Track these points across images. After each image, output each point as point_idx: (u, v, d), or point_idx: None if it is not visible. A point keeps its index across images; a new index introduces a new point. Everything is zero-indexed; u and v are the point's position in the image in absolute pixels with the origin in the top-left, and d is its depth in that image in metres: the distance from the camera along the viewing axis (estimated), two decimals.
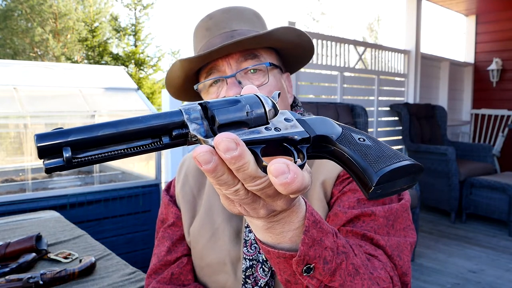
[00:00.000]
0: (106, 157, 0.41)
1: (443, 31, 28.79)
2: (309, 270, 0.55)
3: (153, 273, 0.95)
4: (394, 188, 0.48)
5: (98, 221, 2.69)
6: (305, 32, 0.86)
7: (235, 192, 0.44)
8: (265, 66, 0.83)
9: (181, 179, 1.00)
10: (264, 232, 0.54)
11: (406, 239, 0.77)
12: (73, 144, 0.39)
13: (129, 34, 16.55)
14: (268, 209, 0.48)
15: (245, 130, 0.44)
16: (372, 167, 0.46)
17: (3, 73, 2.91)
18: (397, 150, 0.50)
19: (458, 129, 5.94)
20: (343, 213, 0.78)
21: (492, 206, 4.00)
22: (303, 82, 3.79)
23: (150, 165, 3.10)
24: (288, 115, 0.49)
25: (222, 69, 0.84)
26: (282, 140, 0.46)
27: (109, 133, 0.40)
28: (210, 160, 0.40)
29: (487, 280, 2.95)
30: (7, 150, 2.99)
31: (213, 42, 0.86)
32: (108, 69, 3.84)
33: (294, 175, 0.40)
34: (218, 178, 0.42)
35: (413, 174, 0.48)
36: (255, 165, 0.42)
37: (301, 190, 0.42)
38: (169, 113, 0.43)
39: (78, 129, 0.40)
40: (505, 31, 5.71)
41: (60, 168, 0.39)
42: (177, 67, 0.88)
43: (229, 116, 0.44)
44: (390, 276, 0.67)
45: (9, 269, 1.24)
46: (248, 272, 0.84)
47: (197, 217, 0.95)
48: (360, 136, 0.50)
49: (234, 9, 0.90)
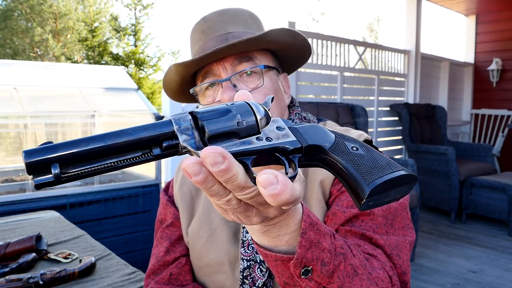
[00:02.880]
0: (96, 171, 0.40)
1: (443, 31, 28.80)
2: (307, 273, 0.54)
3: (152, 274, 0.95)
4: (387, 199, 0.47)
5: (98, 221, 2.69)
6: (300, 32, 0.85)
7: (227, 202, 0.44)
8: (260, 69, 0.83)
9: (179, 179, 1.00)
10: (260, 236, 0.54)
11: (405, 238, 0.77)
12: (61, 159, 0.39)
13: (129, 34, 16.54)
14: (261, 217, 0.48)
15: (236, 141, 0.44)
16: (364, 178, 0.45)
17: (3, 73, 2.91)
18: (390, 160, 0.48)
19: (458, 129, 5.94)
20: (341, 213, 0.78)
21: (492, 206, 4.00)
22: (303, 82, 3.79)
23: (150, 165, 3.10)
24: (281, 123, 0.48)
25: (217, 72, 0.84)
26: (274, 151, 0.45)
27: (98, 146, 0.40)
28: (200, 172, 0.40)
29: (487, 280, 2.95)
30: (7, 150, 2.99)
31: (208, 45, 0.86)
32: (108, 69, 3.84)
33: (283, 186, 0.40)
34: (209, 189, 0.42)
35: (406, 184, 0.47)
36: (244, 176, 0.41)
37: (291, 202, 0.41)
38: (159, 124, 0.43)
39: (66, 144, 0.39)
40: (505, 31, 5.71)
41: (50, 183, 0.39)
42: (172, 72, 0.88)
43: (219, 127, 0.43)
44: (389, 276, 0.67)
45: (9, 269, 1.24)
46: (245, 273, 0.84)
47: (195, 217, 0.95)
48: (353, 145, 0.49)
49: (229, 11, 0.89)
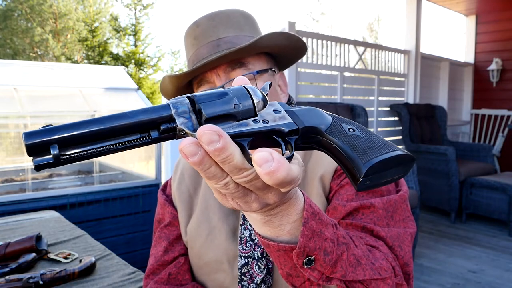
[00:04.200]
0: (95, 153, 0.41)
1: (443, 31, 28.79)
2: (309, 262, 0.54)
3: (151, 274, 0.95)
4: (384, 179, 0.47)
5: (98, 221, 2.69)
6: (293, 33, 0.85)
7: (225, 185, 0.44)
8: (252, 75, 0.83)
9: (177, 178, 1.00)
10: (262, 226, 0.54)
11: (406, 230, 0.77)
12: (61, 141, 0.39)
13: (129, 34, 16.55)
14: (260, 203, 0.48)
15: (233, 123, 0.44)
16: (360, 158, 0.45)
17: (3, 73, 2.91)
18: (388, 141, 0.49)
19: (458, 129, 5.94)
20: (342, 206, 0.78)
21: (492, 206, 4.00)
22: (303, 82, 3.79)
23: (150, 165, 3.10)
24: (278, 106, 0.49)
25: (211, 80, 0.85)
26: (270, 132, 0.46)
27: (97, 129, 0.40)
28: (196, 152, 0.40)
29: (487, 280, 2.95)
30: (7, 150, 2.99)
31: (201, 52, 0.87)
32: (108, 69, 3.84)
33: (278, 163, 0.40)
34: (206, 171, 0.42)
35: (403, 164, 0.48)
36: (241, 157, 0.41)
37: (288, 181, 0.41)
38: (157, 108, 0.43)
39: (66, 126, 0.40)
40: (505, 31, 5.71)
41: (49, 165, 0.39)
42: (166, 82, 0.89)
43: (216, 110, 0.44)
44: (392, 266, 0.67)
45: (9, 269, 1.24)
46: (244, 270, 0.84)
47: (193, 216, 0.95)
48: (350, 127, 0.49)
49: (220, 14, 0.89)
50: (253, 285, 0.83)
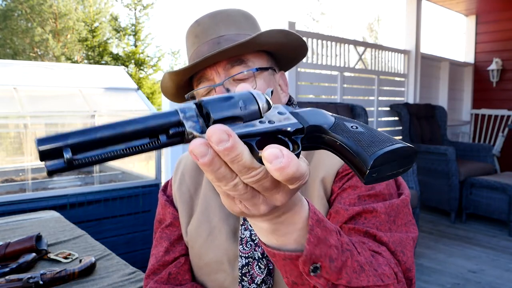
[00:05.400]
0: (105, 157, 0.42)
1: (443, 31, 28.80)
2: (316, 270, 0.54)
3: (152, 274, 0.95)
4: (390, 171, 0.48)
5: (98, 221, 2.69)
6: (293, 31, 0.85)
7: (234, 186, 0.44)
8: (252, 72, 0.84)
9: (177, 178, 1.00)
10: (269, 235, 0.54)
11: (408, 235, 0.77)
12: (73, 146, 0.40)
13: (129, 34, 16.55)
14: (268, 205, 0.48)
15: (240, 124, 0.45)
16: (365, 151, 0.46)
17: (3, 73, 2.91)
18: (390, 136, 0.50)
19: (458, 129, 5.94)
20: (344, 210, 0.78)
21: (492, 206, 4.00)
22: (303, 82, 3.79)
23: (150, 165, 3.10)
24: (282, 108, 0.50)
25: (211, 77, 0.85)
26: (276, 132, 0.47)
27: (108, 134, 0.41)
28: (206, 153, 0.40)
29: (487, 280, 2.95)
30: (7, 150, 2.99)
31: (201, 49, 0.87)
32: (108, 69, 3.84)
33: (288, 159, 0.41)
34: (216, 172, 0.42)
35: (408, 157, 0.49)
36: (249, 156, 0.42)
37: (297, 177, 0.42)
38: (166, 113, 0.45)
39: (77, 132, 0.41)
40: (505, 31, 5.71)
41: (62, 169, 0.40)
42: (167, 79, 0.89)
43: (223, 112, 0.45)
44: (394, 272, 0.67)
45: (9, 269, 1.24)
46: (244, 270, 0.84)
47: (194, 216, 0.95)
48: (353, 124, 0.50)
49: (222, 12, 0.90)
50: (254, 285, 0.83)
